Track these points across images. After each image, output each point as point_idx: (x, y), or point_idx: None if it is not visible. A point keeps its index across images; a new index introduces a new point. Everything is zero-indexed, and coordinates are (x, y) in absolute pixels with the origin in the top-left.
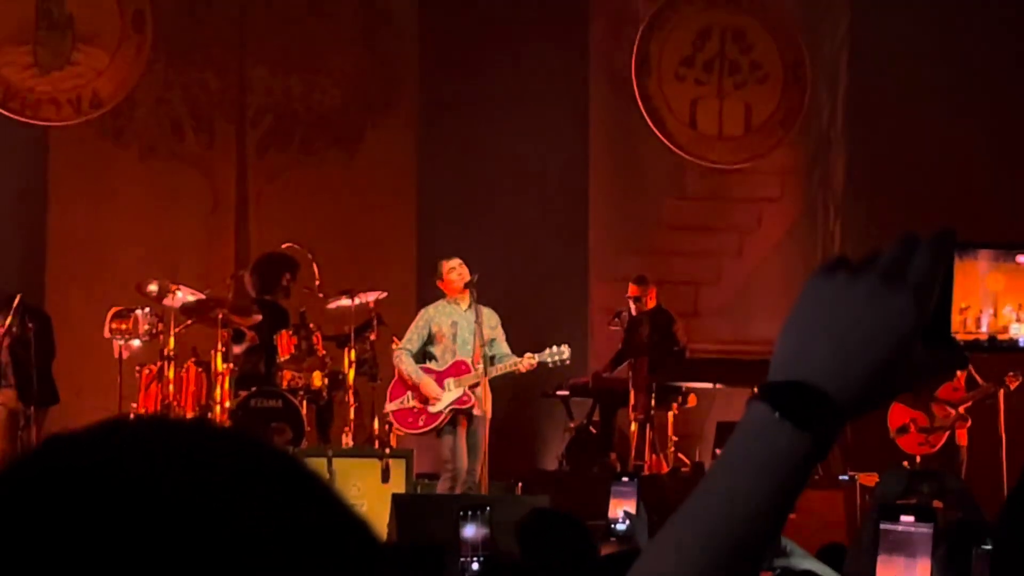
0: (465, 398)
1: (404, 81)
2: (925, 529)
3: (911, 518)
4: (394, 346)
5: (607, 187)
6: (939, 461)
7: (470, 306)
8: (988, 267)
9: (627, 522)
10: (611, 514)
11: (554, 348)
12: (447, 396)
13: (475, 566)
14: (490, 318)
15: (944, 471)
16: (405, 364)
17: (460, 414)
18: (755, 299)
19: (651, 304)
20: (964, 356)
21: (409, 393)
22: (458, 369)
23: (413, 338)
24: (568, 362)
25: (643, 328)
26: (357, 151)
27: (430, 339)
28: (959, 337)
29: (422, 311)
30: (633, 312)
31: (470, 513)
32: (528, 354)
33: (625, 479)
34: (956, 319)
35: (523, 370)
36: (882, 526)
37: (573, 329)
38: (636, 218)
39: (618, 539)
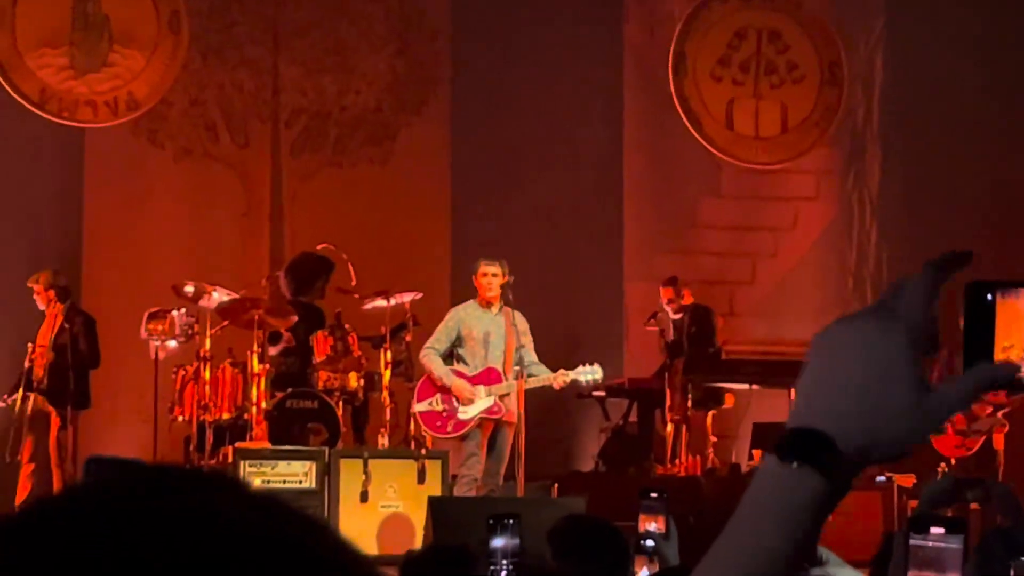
0: (496, 408)
1: (438, 81)
2: (955, 544)
3: (941, 530)
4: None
5: (642, 187)
6: (975, 464)
7: (500, 311)
8: None
9: (652, 542)
10: (640, 528)
11: (587, 366)
12: (478, 404)
13: (503, 574)
14: (520, 323)
15: (990, 478)
16: (435, 365)
17: (486, 421)
18: (791, 299)
19: (687, 301)
20: (1017, 387)
21: (438, 395)
22: (489, 377)
23: (441, 338)
24: (600, 381)
25: (683, 326)
26: (391, 151)
27: (458, 341)
28: None
29: (452, 311)
30: (671, 315)
31: (500, 521)
32: (562, 371)
33: (654, 495)
34: (999, 358)
35: (557, 387)
36: (911, 541)
37: (608, 330)
38: (671, 218)
39: (647, 556)
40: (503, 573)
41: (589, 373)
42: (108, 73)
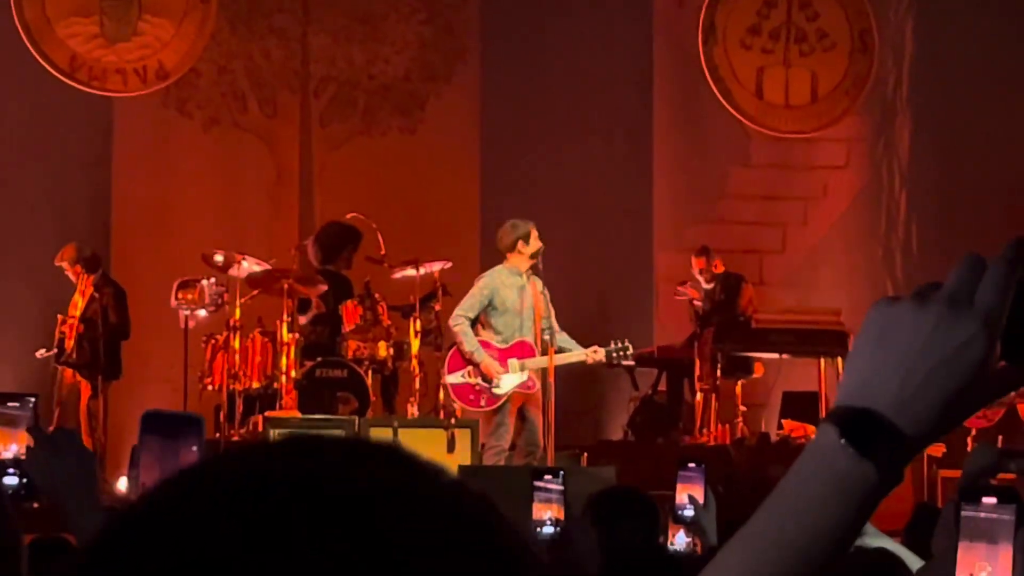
0: (530, 383)
1: (466, 50)
2: (1007, 515)
3: (993, 500)
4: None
5: (672, 156)
6: (997, 434)
7: (528, 279)
8: None
9: (693, 510)
10: (678, 500)
11: (618, 343)
12: (512, 379)
13: (548, 530)
14: (546, 292)
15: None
16: (467, 338)
17: (518, 394)
18: (820, 268)
19: (719, 270)
20: None
21: (470, 368)
22: (523, 350)
23: (475, 305)
24: (630, 358)
25: (715, 295)
26: (420, 121)
27: (489, 309)
28: None
29: (486, 277)
30: (704, 284)
31: (545, 477)
32: (594, 347)
33: (692, 464)
34: None
35: (589, 362)
36: (963, 512)
37: (638, 299)
38: (701, 187)
39: (685, 526)
40: (547, 529)
41: (620, 349)
42: (137, 42)
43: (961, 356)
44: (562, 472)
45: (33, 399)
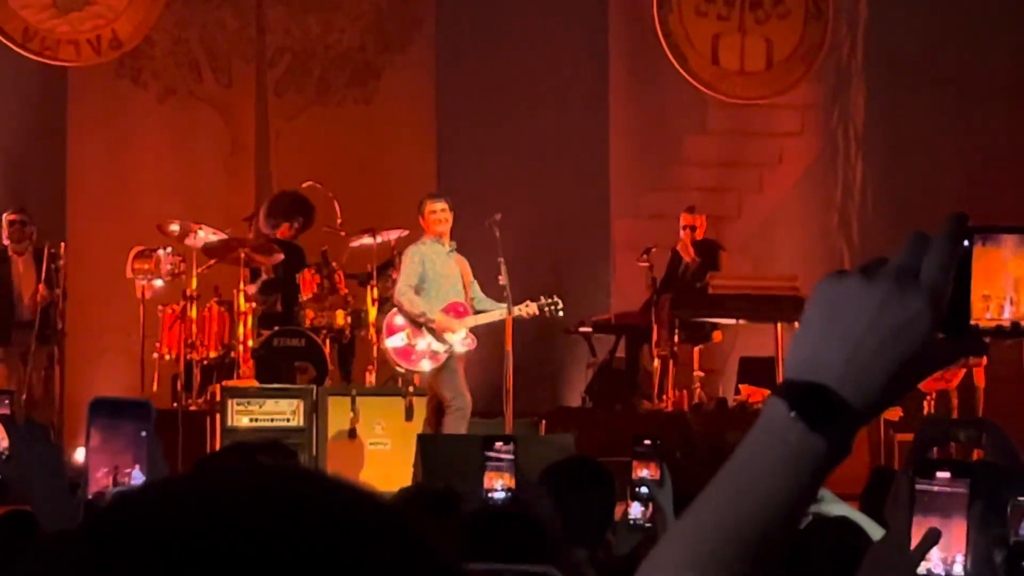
0: (470, 341)
1: (422, 19)
2: (961, 489)
3: (947, 474)
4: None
5: (628, 124)
6: (954, 398)
7: (452, 248)
8: (1012, 252)
9: (647, 488)
10: (634, 475)
11: (548, 298)
12: (455, 337)
13: (499, 496)
14: (466, 261)
15: (983, 418)
16: (415, 305)
17: (460, 354)
18: (777, 234)
19: (700, 235)
20: (984, 344)
21: (408, 330)
22: (456, 310)
23: (412, 276)
24: (562, 313)
25: (692, 260)
26: (376, 90)
27: (421, 278)
28: (982, 324)
29: (413, 249)
30: (686, 242)
31: (496, 445)
32: (526, 302)
33: (647, 442)
34: (979, 306)
35: (526, 316)
36: (917, 486)
37: (595, 266)
38: (657, 154)
39: (641, 501)
40: (498, 495)
41: (550, 304)
42: (90, 12)
43: (908, 330)
44: (513, 440)
45: (9, 396)
